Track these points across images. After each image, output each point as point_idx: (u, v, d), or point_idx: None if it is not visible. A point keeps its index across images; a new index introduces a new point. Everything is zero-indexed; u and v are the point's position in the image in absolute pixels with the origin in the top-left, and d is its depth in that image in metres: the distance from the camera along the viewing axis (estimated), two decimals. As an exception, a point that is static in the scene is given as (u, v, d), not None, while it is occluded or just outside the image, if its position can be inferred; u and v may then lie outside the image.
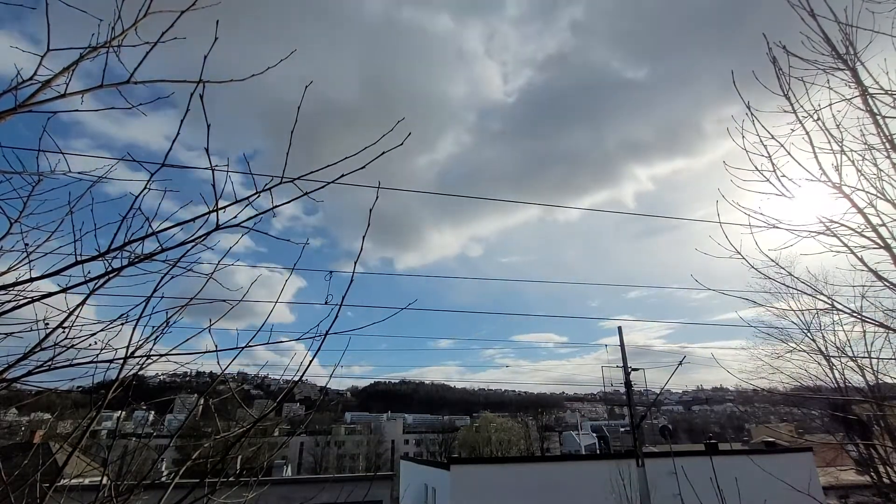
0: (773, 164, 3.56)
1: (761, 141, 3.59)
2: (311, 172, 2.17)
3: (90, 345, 2.12)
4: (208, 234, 2.07)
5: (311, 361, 2.32)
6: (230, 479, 2.43)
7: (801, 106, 3.50)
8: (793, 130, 3.53)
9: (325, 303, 2.26)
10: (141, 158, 2.23)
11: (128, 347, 2.12)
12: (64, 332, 2.05)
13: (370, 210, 2.30)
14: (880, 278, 3.42)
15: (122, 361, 2.09)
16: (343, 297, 2.28)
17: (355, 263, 2.34)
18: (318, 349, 2.26)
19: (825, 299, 4.13)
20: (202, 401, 2.94)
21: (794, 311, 13.33)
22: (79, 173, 2.26)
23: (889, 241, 3.26)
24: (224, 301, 2.42)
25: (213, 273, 2.29)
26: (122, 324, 2.20)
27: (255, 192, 2.14)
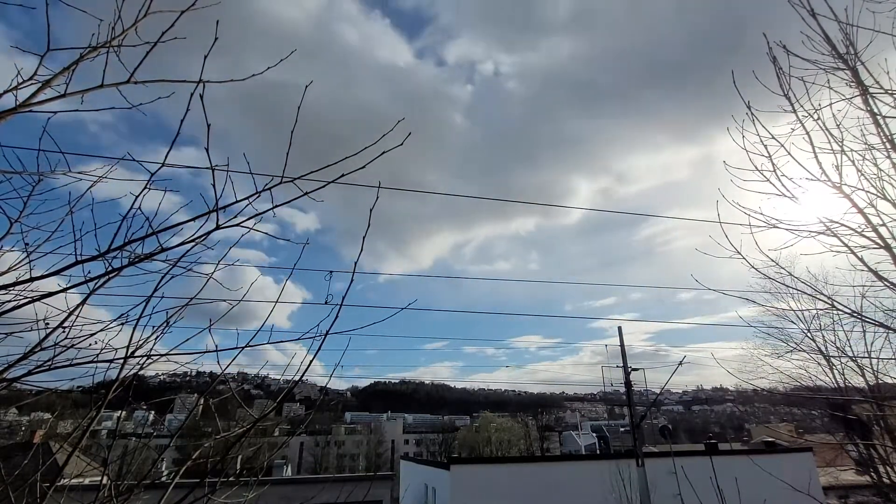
0: (773, 163, 3.56)
1: (761, 140, 3.59)
2: (311, 172, 2.17)
3: (90, 345, 2.12)
4: (208, 233, 2.07)
5: (311, 361, 2.32)
6: (230, 478, 2.42)
7: (802, 106, 3.50)
8: (793, 130, 3.53)
9: (326, 303, 2.26)
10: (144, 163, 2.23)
11: (128, 347, 2.12)
12: (64, 332, 2.05)
13: (370, 210, 2.31)
14: (880, 278, 3.41)
15: (122, 361, 2.09)
16: (343, 297, 2.28)
17: (355, 264, 2.34)
18: (319, 349, 2.27)
19: (825, 299, 4.13)
20: (202, 401, 2.94)
21: (794, 311, 13.35)
22: (79, 173, 2.26)
23: (889, 241, 3.26)
24: (224, 301, 2.42)
25: (213, 273, 2.28)
26: (122, 324, 2.19)
27: (255, 191, 2.14)
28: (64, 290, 1.94)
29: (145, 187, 2.10)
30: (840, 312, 4.16)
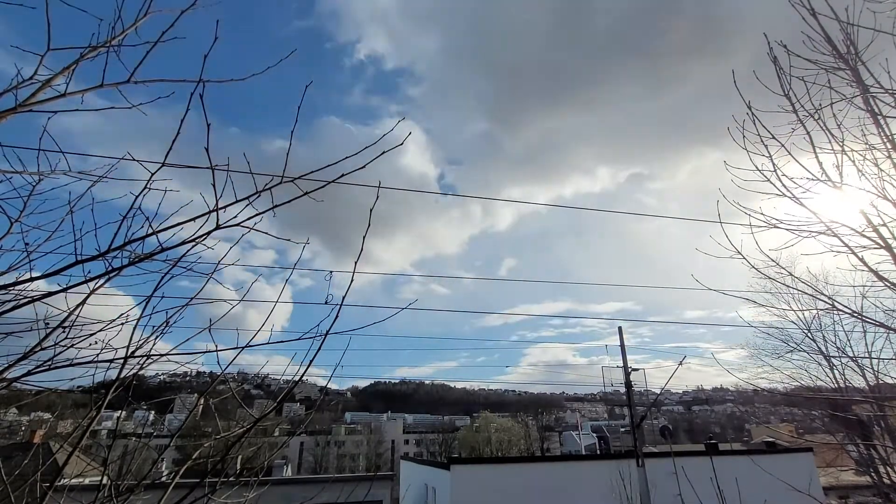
0: (773, 163, 3.56)
1: (762, 140, 3.58)
2: (311, 172, 2.17)
3: (90, 345, 2.12)
4: (209, 233, 2.07)
5: (311, 362, 2.32)
6: (230, 478, 2.42)
7: (802, 106, 3.50)
8: (793, 130, 3.53)
9: (326, 302, 2.26)
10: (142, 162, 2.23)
11: (128, 347, 2.11)
12: (64, 331, 2.05)
13: (370, 210, 2.30)
14: (881, 278, 3.41)
15: (122, 361, 2.09)
16: (343, 297, 2.28)
17: (356, 263, 2.33)
18: (319, 349, 2.26)
19: (826, 299, 4.13)
20: (202, 400, 2.94)
21: (794, 311, 13.36)
22: (79, 173, 2.26)
23: (890, 241, 3.25)
24: (224, 301, 2.42)
25: (213, 273, 2.28)
26: (122, 324, 2.19)
27: (255, 191, 2.14)
28: (64, 290, 1.94)
29: (145, 187, 2.10)
30: (840, 312, 4.15)
